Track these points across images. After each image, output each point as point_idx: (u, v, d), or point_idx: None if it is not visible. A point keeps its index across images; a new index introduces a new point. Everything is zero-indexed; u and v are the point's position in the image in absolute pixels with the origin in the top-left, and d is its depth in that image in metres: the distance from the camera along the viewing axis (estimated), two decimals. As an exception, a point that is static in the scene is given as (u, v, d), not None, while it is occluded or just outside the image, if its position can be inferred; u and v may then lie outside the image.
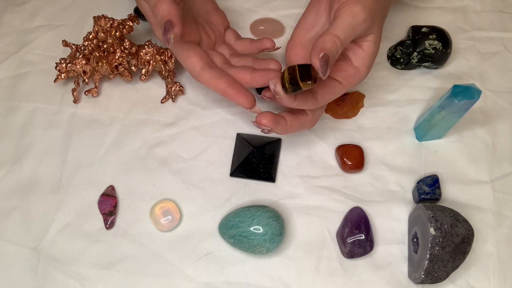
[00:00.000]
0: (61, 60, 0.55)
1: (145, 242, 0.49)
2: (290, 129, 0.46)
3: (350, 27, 0.42)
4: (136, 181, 0.52)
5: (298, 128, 0.47)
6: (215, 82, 0.48)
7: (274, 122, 0.45)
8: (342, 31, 0.42)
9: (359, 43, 0.46)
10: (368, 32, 0.45)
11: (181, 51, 0.49)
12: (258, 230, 0.46)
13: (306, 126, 0.48)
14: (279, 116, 0.45)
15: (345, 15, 0.43)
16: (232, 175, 0.52)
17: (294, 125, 0.46)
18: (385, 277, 0.48)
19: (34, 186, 0.52)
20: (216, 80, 0.48)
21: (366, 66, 0.46)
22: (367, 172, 0.52)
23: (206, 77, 0.48)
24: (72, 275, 0.48)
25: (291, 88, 0.41)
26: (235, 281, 0.47)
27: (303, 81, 0.41)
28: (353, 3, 0.43)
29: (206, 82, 0.48)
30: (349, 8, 0.43)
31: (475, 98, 0.46)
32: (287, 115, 0.46)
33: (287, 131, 0.46)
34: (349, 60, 0.46)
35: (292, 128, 0.47)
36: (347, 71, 0.46)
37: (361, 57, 0.46)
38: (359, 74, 0.46)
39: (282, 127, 0.45)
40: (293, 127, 0.46)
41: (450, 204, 0.51)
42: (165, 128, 0.55)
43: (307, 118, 0.47)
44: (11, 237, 0.50)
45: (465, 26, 0.62)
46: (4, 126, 0.55)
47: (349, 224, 0.48)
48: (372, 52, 0.46)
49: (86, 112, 0.56)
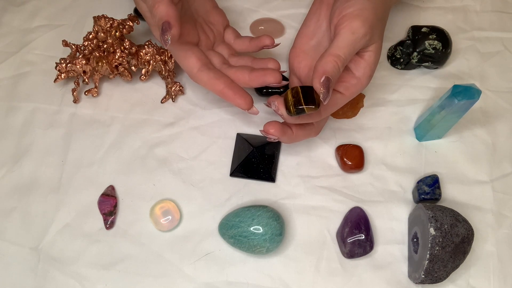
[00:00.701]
0: (61, 60, 0.55)
1: (145, 242, 0.49)
2: (296, 138, 0.48)
3: (351, 45, 0.43)
4: (136, 181, 0.52)
5: (304, 137, 0.48)
6: (213, 83, 0.48)
7: (281, 131, 0.46)
8: (342, 50, 0.42)
9: (360, 54, 0.46)
10: (369, 43, 0.45)
11: (179, 51, 0.49)
12: (258, 230, 0.46)
13: (311, 134, 0.49)
14: (286, 126, 0.46)
15: (345, 33, 0.43)
16: (232, 175, 0.52)
17: (300, 134, 0.48)
18: (385, 277, 0.48)
19: (34, 186, 0.52)
20: (214, 81, 0.48)
21: (367, 76, 0.46)
22: (367, 172, 0.52)
23: (203, 79, 0.48)
24: (72, 275, 0.48)
25: (296, 111, 0.42)
26: (235, 281, 0.47)
27: (307, 105, 0.42)
28: (352, 18, 0.43)
29: (204, 83, 0.48)
30: (348, 24, 0.43)
31: (475, 98, 0.46)
32: (293, 126, 0.47)
33: (293, 140, 0.47)
34: (350, 71, 0.46)
35: (298, 137, 0.48)
36: (348, 82, 0.46)
37: (362, 67, 0.46)
38: (361, 83, 0.46)
39: (288, 136, 0.46)
40: (299, 136, 0.48)
41: (450, 204, 0.51)
42: (165, 128, 0.55)
43: (313, 127, 0.48)
44: (11, 237, 0.50)
45: (465, 26, 0.62)
46: (4, 126, 0.55)
47: (349, 224, 0.48)
48: (373, 62, 0.46)
49: (86, 112, 0.56)
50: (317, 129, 0.49)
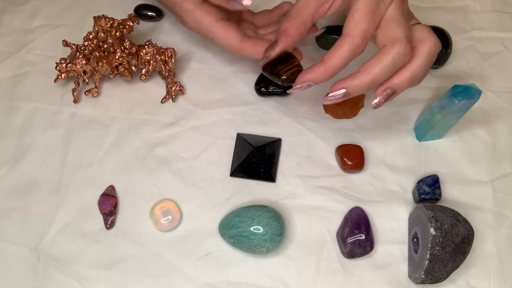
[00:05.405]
0: (61, 60, 0.55)
1: (145, 242, 0.49)
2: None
3: (426, 68, 0.43)
4: (136, 181, 0.52)
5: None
6: (260, 48, 0.47)
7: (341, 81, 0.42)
8: (416, 72, 0.43)
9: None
10: None
11: (218, 29, 0.49)
12: (258, 230, 0.46)
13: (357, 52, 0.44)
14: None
15: (422, 54, 0.42)
16: (232, 175, 0.52)
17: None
18: (385, 277, 0.48)
19: (34, 186, 0.52)
20: (259, 45, 0.47)
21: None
22: (367, 172, 0.52)
23: (249, 47, 0.48)
24: (72, 275, 0.48)
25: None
26: (235, 281, 0.47)
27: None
28: (427, 38, 0.43)
29: (250, 52, 0.48)
30: (425, 45, 0.43)
31: (475, 98, 0.46)
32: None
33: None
34: None
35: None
36: None
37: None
38: None
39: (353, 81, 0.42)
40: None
41: (450, 204, 0.51)
42: (165, 128, 0.55)
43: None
44: (11, 237, 0.50)
45: (465, 26, 0.62)
46: (4, 126, 0.55)
47: (349, 224, 0.48)
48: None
49: (86, 112, 0.56)
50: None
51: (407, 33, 0.41)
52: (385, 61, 0.41)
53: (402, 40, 0.41)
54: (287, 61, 0.44)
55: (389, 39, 0.41)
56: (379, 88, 0.43)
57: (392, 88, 0.42)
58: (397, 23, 0.42)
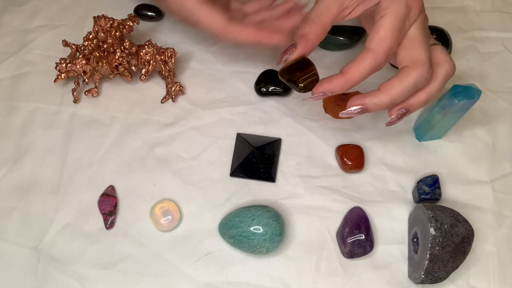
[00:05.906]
0: (61, 60, 0.55)
1: (145, 242, 0.49)
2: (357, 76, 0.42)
3: (439, 88, 0.43)
4: (136, 181, 0.52)
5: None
6: (245, 32, 0.46)
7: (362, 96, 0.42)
8: (431, 91, 0.43)
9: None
10: None
11: (202, 12, 0.48)
12: (258, 230, 0.46)
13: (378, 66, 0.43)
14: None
15: (441, 75, 0.43)
16: (232, 175, 0.52)
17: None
18: (385, 277, 0.48)
19: (34, 186, 0.52)
20: (245, 29, 0.47)
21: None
22: (367, 172, 0.52)
23: (234, 30, 0.47)
24: (72, 275, 0.48)
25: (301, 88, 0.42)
26: (235, 281, 0.47)
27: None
28: (445, 62, 0.43)
29: (236, 35, 0.47)
30: (444, 67, 0.43)
31: (475, 98, 0.46)
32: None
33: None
34: None
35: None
36: None
37: None
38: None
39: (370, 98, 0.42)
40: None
41: (450, 204, 0.51)
42: (165, 128, 0.55)
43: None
44: (11, 237, 0.50)
45: (465, 26, 0.62)
46: (4, 126, 0.55)
47: (349, 224, 0.48)
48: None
49: (86, 112, 0.56)
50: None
51: (429, 56, 0.41)
52: (407, 82, 0.40)
53: (426, 64, 0.41)
54: (306, 68, 0.42)
55: (412, 60, 0.41)
56: (394, 107, 0.43)
57: (406, 108, 0.43)
58: (420, 44, 0.42)
